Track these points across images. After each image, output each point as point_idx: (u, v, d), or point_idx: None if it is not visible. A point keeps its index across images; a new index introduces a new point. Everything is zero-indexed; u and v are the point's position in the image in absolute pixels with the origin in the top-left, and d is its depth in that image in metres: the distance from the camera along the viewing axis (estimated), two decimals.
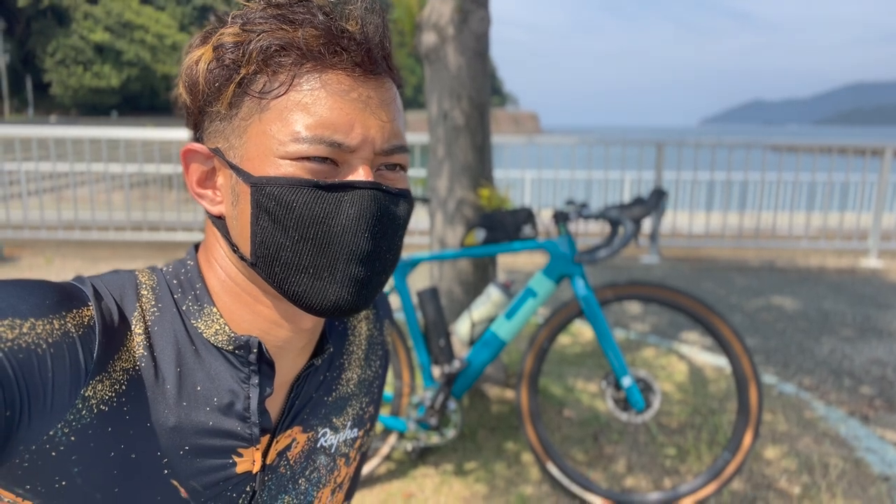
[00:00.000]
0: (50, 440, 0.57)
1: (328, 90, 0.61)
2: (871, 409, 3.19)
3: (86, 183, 7.36)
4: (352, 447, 0.84)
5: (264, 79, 0.61)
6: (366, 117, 0.62)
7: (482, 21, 2.76)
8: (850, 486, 2.51)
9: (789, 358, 3.85)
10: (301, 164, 0.61)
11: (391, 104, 0.65)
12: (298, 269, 0.63)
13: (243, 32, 0.62)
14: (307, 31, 0.60)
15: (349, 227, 0.62)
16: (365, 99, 0.62)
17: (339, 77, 0.61)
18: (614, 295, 2.33)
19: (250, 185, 0.62)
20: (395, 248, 0.67)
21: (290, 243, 0.62)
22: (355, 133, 0.61)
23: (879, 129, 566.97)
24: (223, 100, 0.63)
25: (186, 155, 0.68)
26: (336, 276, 0.63)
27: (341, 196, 0.61)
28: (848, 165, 6.81)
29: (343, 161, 0.62)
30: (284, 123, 0.61)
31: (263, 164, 0.62)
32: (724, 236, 6.69)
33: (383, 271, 0.66)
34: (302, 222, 0.61)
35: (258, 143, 0.62)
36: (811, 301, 5.04)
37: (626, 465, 2.62)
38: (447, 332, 2.44)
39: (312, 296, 0.63)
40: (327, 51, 0.61)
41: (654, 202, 2.28)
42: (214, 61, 0.62)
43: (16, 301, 0.56)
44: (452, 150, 2.84)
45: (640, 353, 3.79)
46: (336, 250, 0.62)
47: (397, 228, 0.66)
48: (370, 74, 0.63)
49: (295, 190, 0.61)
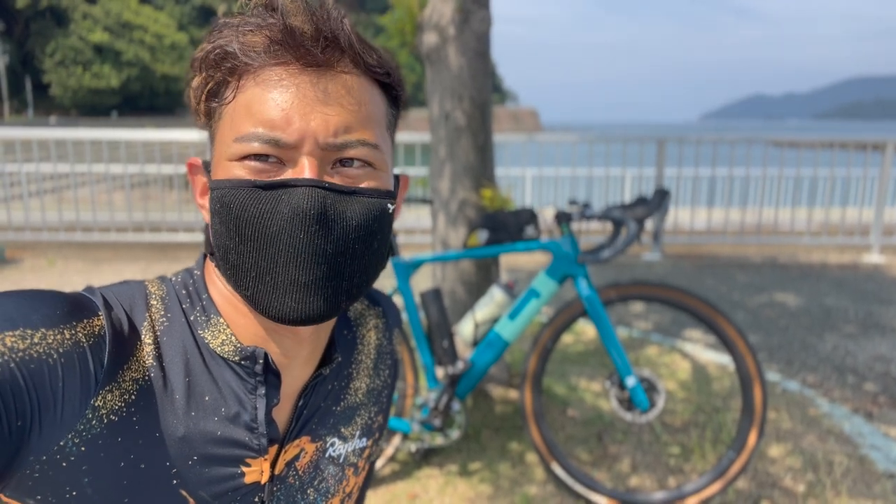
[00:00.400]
0: (60, 450, 0.57)
1: (264, 87, 0.61)
2: (874, 406, 3.19)
3: (87, 184, 7.36)
4: (360, 457, 0.84)
5: (223, 88, 0.63)
6: (304, 110, 0.60)
7: (483, 21, 2.76)
8: (855, 483, 2.51)
9: (792, 355, 3.84)
10: (244, 164, 0.61)
11: (342, 96, 0.62)
12: (245, 272, 0.62)
13: (206, 45, 0.63)
14: (251, 34, 0.61)
15: (285, 228, 0.59)
16: (303, 91, 0.60)
17: (276, 72, 0.61)
18: (618, 295, 2.32)
19: (210, 190, 0.64)
20: (353, 251, 0.63)
21: (234, 245, 0.62)
22: (293, 128, 0.60)
23: (880, 124, 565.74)
24: (201, 112, 0.66)
25: (190, 168, 0.71)
26: (278, 281, 0.61)
27: (279, 195, 0.60)
28: (849, 160, 6.80)
29: (288, 158, 0.61)
30: (231, 127, 0.62)
31: (218, 168, 0.64)
32: (726, 233, 6.68)
33: (339, 277, 0.63)
34: (241, 223, 0.61)
35: (217, 150, 0.64)
36: (813, 297, 5.03)
37: (630, 464, 2.62)
38: (451, 333, 2.44)
39: (260, 300, 0.62)
40: (266, 50, 0.61)
41: (658, 202, 2.28)
42: (192, 76, 0.66)
43: (27, 311, 0.56)
44: (454, 150, 2.84)
45: (643, 351, 3.78)
46: (275, 252, 0.60)
47: (350, 229, 0.62)
48: (313, 66, 0.61)
49: (233, 191, 0.61)
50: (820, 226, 6.81)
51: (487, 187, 2.87)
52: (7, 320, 0.54)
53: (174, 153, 6.82)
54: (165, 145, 6.69)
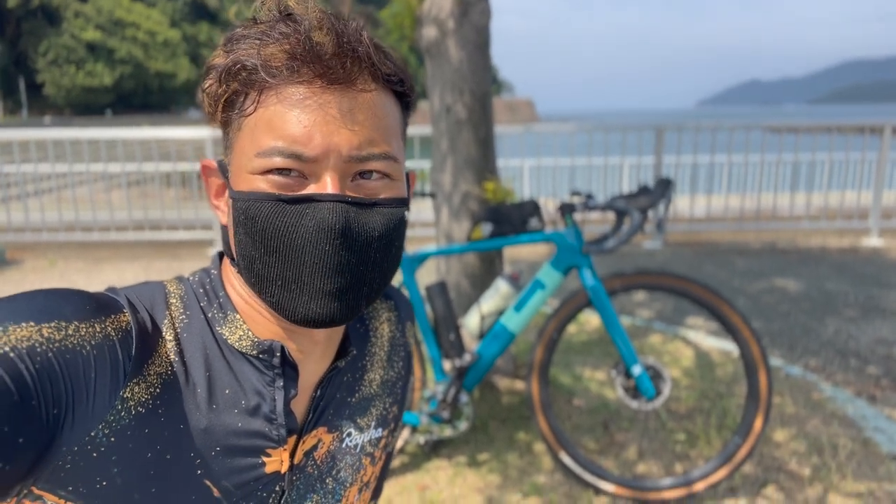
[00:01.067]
0: (91, 441, 0.59)
1: (288, 104, 0.62)
2: (877, 389, 3.21)
3: (85, 183, 7.36)
4: (377, 447, 0.86)
5: (241, 98, 0.64)
6: (328, 127, 0.62)
7: (483, 14, 2.76)
8: (860, 465, 2.54)
9: (794, 340, 3.87)
10: (266, 178, 0.63)
11: (364, 110, 0.64)
12: (270, 281, 0.65)
13: (224, 54, 0.64)
14: (273, 48, 0.62)
15: (311, 240, 0.62)
16: (327, 109, 0.62)
17: (299, 90, 0.62)
18: (622, 285, 2.34)
19: (231, 199, 0.66)
20: (374, 260, 0.66)
21: (260, 255, 0.64)
22: (315, 143, 0.61)
23: (876, 107, 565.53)
24: (217, 119, 0.67)
25: (204, 170, 0.73)
26: (304, 289, 0.64)
27: (303, 209, 0.62)
28: (847, 144, 6.81)
29: (310, 172, 0.63)
30: (252, 140, 0.63)
31: (239, 179, 0.65)
32: (726, 219, 6.70)
33: (361, 284, 0.66)
34: (266, 235, 0.63)
35: (237, 160, 0.66)
36: (814, 282, 5.06)
37: (637, 451, 2.65)
38: (457, 325, 2.45)
39: (286, 306, 0.65)
40: (289, 66, 0.62)
41: (661, 191, 2.29)
42: (207, 82, 0.66)
43: (59, 305, 0.58)
44: (456, 144, 2.85)
45: (647, 339, 3.81)
46: (301, 263, 0.63)
47: (372, 240, 0.65)
48: (335, 84, 0.62)
49: (259, 204, 0.63)
50: (819, 210, 6.83)
51: (490, 180, 2.88)
52: (43, 313, 0.56)
53: (172, 151, 6.81)
54: (162, 143, 6.68)
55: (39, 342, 0.54)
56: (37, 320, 0.55)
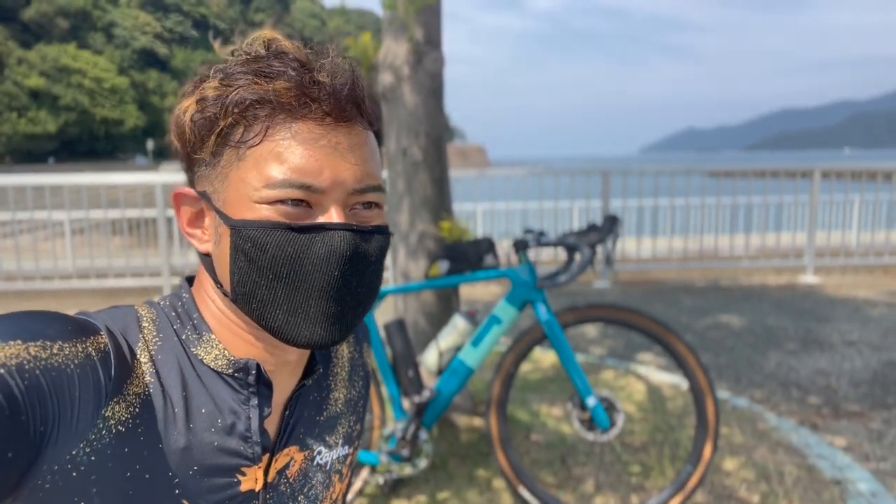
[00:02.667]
0: (72, 460, 0.59)
1: (299, 139, 0.66)
2: (819, 418, 3.35)
3: (26, 231, 7.13)
4: (344, 464, 0.89)
5: (241, 129, 0.67)
6: (335, 162, 0.66)
7: (436, 61, 2.88)
8: (806, 491, 2.63)
9: (740, 373, 4.01)
10: (275, 208, 0.66)
11: (362, 147, 0.69)
12: (274, 306, 0.68)
13: (222, 86, 0.67)
14: (280, 84, 0.66)
15: (320, 267, 0.66)
16: (334, 145, 0.67)
17: (309, 126, 0.66)
18: (575, 318, 2.42)
19: (230, 228, 0.68)
20: (369, 283, 0.72)
21: (265, 282, 0.67)
22: (324, 176, 0.66)
23: (805, 153, 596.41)
24: (207, 148, 0.69)
25: (177, 198, 0.74)
26: (309, 313, 0.68)
27: (313, 237, 0.66)
28: (781, 188, 7.20)
29: (316, 203, 0.67)
30: (259, 171, 0.66)
31: (241, 208, 0.67)
32: (671, 259, 6.95)
33: (358, 306, 0.71)
34: (275, 263, 0.66)
35: (237, 189, 0.67)
36: (756, 317, 5.27)
37: (594, 484, 2.69)
38: (415, 362, 2.48)
39: (288, 330, 0.68)
40: (298, 102, 0.66)
41: (609, 227, 2.40)
42: (198, 113, 0.68)
43: (43, 326, 0.60)
44: (412, 184, 2.92)
45: (600, 375, 3.89)
46: (308, 288, 0.67)
47: (369, 264, 0.70)
48: (340, 122, 0.67)
49: (269, 232, 0.66)
50: (757, 250, 7.15)
51: (446, 219, 2.95)
52: (28, 332, 0.58)
53: (120, 197, 6.69)
54: (111, 189, 6.56)
55: (27, 360, 0.56)
56: (24, 339, 0.57)
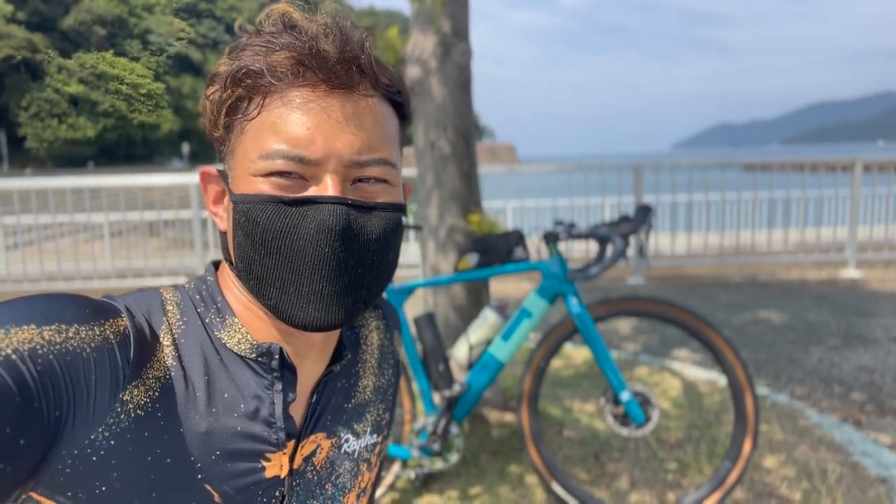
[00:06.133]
0: (91, 444, 0.59)
1: (291, 107, 0.64)
2: (862, 415, 3.24)
3: (68, 234, 7.31)
4: (372, 453, 0.87)
5: (244, 104, 0.66)
6: (330, 131, 0.63)
7: (464, 53, 2.86)
8: (850, 489, 2.54)
9: (779, 369, 3.90)
10: (268, 180, 0.64)
11: (364, 117, 0.66)
12: (268, 283, 0.66)
13: (229, 61, 0.67)
14: (279, 55, 0.64)
15: (311, 242, 0.63)
16: (329, 113, 0.64)
17: (302, 94, 0.64)
18: (608, 311, 2.37)
19: (232, 203, 0.67)
20: (371, 262, 0.67)
21: (259, 257, 0.65)
22: (317, 146, 0.63)
23: (843, 146, 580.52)
24: (220, 125, 0.69)
25: (203, 177, 0.74)
26: (302, 291, 0.65)
27: (304, 211, 0.63)
28: (820, 182, 7.00)
29: (311, 175, 0.64)
30: (255, 143, 0.65)
31: (242, 182, 0.66)
32: (706, 255, 6.80)
33: (359, 287, 0.67)
34: (266, 237, 0.64)
35: (240, 164, 0.67)
36: (796, 313, 5.12)
37: (628, 481, 2.63)
38: (445, 356, 2.46)
39: (284, 309, 0.66)
40: (294, 71, 0.64)
41: (642, 217, 2.35)
42: (211, 90, 0.68)
43: (59, 309, 0.59)
44: (441, 178, 2.90)
45: (633, 371, 3.82)
46: (300, 265, 0.64)
47: (370, 242, 0.66)
48: (338, 89, 0.64)
49: (260, 206, 0.64)
50: (796, 245, 6.96)
51: (475, 212, 2.93)
52: (43, 316, 0.57)
53: (157, 199, 6.82)
54: (147, 191, 6.69)
55: (41, 344, 0.55)
56: (38, 323, 0.56)
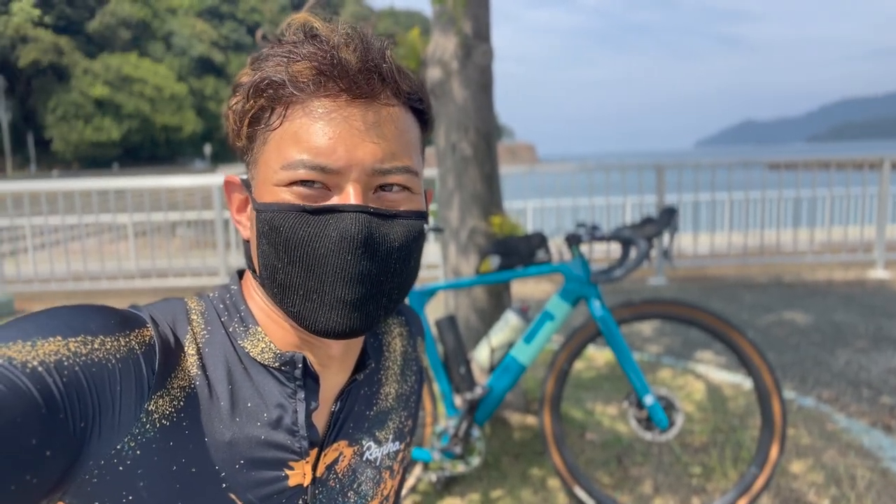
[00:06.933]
0: (118, 454, 0.59)
1: (313, 117, 0.64)
2: (892, 419, 3.17)
3: (93, 234, 7.44)
4: (395, 460, 0.87)
5: (267, 114, 0.67)
6: (352, 140, 0.64)
7: (485, 54, 2.85)
8: (880, 496, 2.49)
9: (806, 372, 3.84)
10: (291, 189, 0.65)
11: (385, 125, 0.66)
12: (291, 291, 0.66)
13: (252, 71, 0.67)
14: (299, 65, 0.64)
15: (333, 250, 0.63)
16: (350, 122, 0.64)
17: (324, 104, 0.64)
18: (631, 314, 2.35)
19: (255, 212, 0.68)
20: (393, 270, 0.68)
21: (282, 266, 0.65)
22: (339, 155, 0.63)
23: (871, 143, 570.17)
24: (243, 135, 0.69)
25: (227, 186, 0.75)
26: (325, 299, 0.65)
27: (327, 219, 0.64)
28: (847, 180, 6.87)
29: (333, 184, 0.65)
30: (277, 153, 0.65)
31: (265, 192, 0.67)
32: (730, 255, 6.72)
33: (380, 294, 0.67)
34: (289, 245, 0.64)
35: (262, 173, 0.67)
36: (822, 314, 5.04)
37: (652, 485, 2.61)
38: (467, 359, 2.45)
39: (306, 316, 0.66)
40: (315, 81, 0.64)
41: (666, 220, 2.32)
42: (234, 100, 0.69)
43: (85, 320, 0.59)
44: (462, 180, 2.90)
45: (657, 374, 3.78)
46: (322, 273, 0.64)
47: (392, 250, 0.67)
48: (359, 99, 0.65)
49: (283, 215, 0.64)
50: (822, 245, 6.84)
51: (496, 214, 2.91)
52: (69, 328, 0.58)
53: (180, 200, 6.91)
54: (171, 192, 6.78)
55: (66, 356, 0.55)
56: (64, 335, 0.56)
